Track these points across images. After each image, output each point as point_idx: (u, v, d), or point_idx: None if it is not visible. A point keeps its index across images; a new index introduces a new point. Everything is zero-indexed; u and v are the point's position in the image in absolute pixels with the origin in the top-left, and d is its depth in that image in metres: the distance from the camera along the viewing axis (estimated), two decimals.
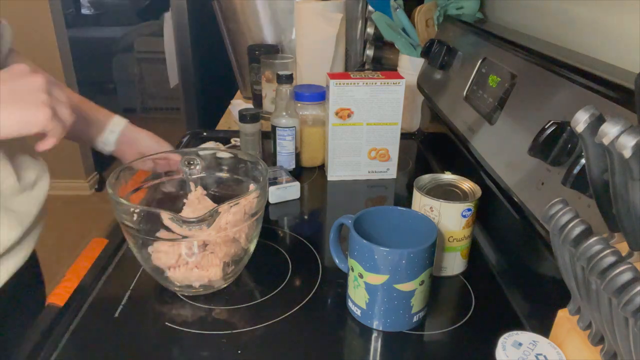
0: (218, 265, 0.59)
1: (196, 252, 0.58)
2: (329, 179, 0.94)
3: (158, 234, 0.57)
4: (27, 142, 0.67)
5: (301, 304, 0.60)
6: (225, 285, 0.62)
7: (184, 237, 0.57)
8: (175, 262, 0.58)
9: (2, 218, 0.58)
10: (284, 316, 0.57)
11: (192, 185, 0.68)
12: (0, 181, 0.60)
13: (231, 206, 0.56)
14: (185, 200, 0.68)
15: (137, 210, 0.57)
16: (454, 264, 0.65)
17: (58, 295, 0.60)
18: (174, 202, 0.68)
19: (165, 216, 0.55)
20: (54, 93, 0.52)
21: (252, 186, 0.66)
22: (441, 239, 0.63)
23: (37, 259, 0.75)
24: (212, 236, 0.57)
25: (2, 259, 0.59)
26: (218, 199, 0.71)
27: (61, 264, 0.89)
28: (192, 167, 0.68)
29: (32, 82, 0.51)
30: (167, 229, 0.56)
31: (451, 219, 0.62)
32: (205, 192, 0.68)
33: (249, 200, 0.58)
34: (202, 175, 0.70)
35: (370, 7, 1.27)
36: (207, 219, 0.54)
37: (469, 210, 0.61)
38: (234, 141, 1.06)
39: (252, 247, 0.63)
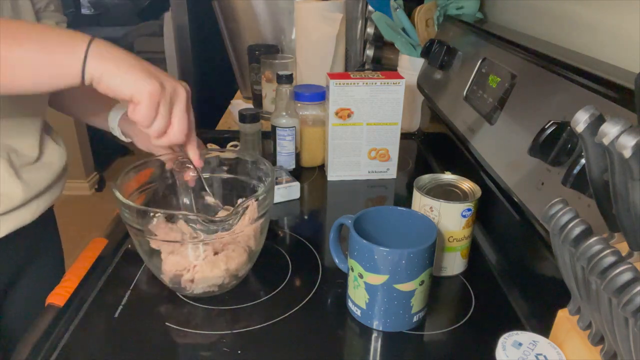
0: (242, 255, 0.60)
1: (202, 255, 0.59)
2: (329, 179, 0.94)
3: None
4: (55, 132, 0.78)
5: (301, 304, 0.60)
6: (241, 277, 0.62)
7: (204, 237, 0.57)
8: (191, 266, 0.58)
9: (13, 182, 0.66)
10: (284, 316, 0.57)
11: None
12: (25, 154, 0.69)
13: (249, 204, 0.56)
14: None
15: (157, 215, 0.57)
16: (454, 264, 0.65)
17: (58, 295, 0.60)
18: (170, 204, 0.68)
19: (193, 217, 0.55)
20: (174, 99, 0.53)
21: (260, 186, 0.66)
22: (441, 239, 0.63)
23: (56, 225, 0.86)
24: (233, 235, 0.58)
25: (12, 213, 0.68)
26: (223, 201, 0.72)
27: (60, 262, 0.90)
28: (185, 169, 0.68)
29: (177, 86, 0.53)
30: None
31: (451, 219, 0.62)
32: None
33: (260, 200, 0.58)
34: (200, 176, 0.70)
35: (370, 7, 1.27)
36: (233, 217, 0.55)
37: (469, 210, 0.61)
38: (232, 145, 1.06)
39: (261, 244, 0.63)
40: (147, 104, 0.50)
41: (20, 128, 0.69)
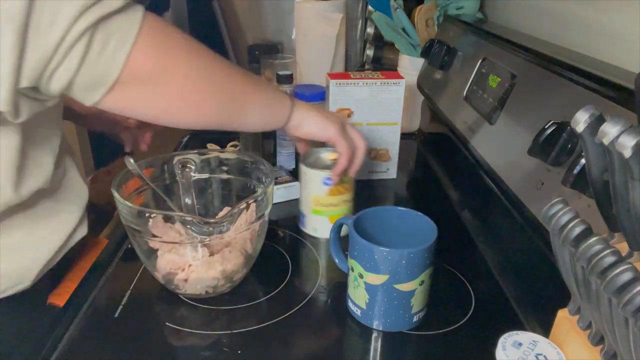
0: (238, 258, 0.60)
1: (199, 256, 0.59)
2: None
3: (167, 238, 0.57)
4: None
5: (301, 304, 0.60)
6: (241, 277, 0.62)
7: (202, 238, 0.58)
8: (186, 265, 0.58)
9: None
10: (284, 316, 0.57)
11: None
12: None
13: (247, 206, 0.56)
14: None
15: (154, 215, 0.57)
16: (323, 227, 0.72)
17: (58, 296, 0.60)
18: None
19: (191, 220, 0.55)
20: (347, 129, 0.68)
21: (260, 187, 0.66)
22: (308, 201, 0.72)
23: None
24: (230, 236, 0.58)
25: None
26: (223, 201, 0.72)
27: (61, 264, 0.90)
28: (186, 169, 0.68)
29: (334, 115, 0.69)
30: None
31: (314, 183, 0.71)
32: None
33: (258, 201, 0.58)
34: (201, 177, 0.70)
35: (370, 7, 1.27)
36: (228, 219, 0.55)
37: (328, 179, 0.69)
38: (232, 145, 1.06)
39: (259, 247, 0.63)
40: (340, 139, 0.66)
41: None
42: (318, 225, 0.74)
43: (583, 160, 0.46)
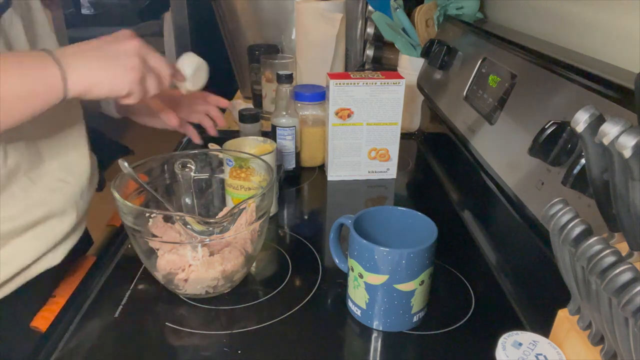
0: (238, 257, 0.60)
1: (199, 256, 0.59)
2: (329, 179, 0.94)
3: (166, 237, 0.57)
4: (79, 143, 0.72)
5: (301, 304, 0.60)
6: (241, 277, 0.62)
7: (203, 238, 0.58)
8: (186, 265, 0.58)
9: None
10: (284, 316, 0.57)
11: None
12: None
13: (248, 205, 0.56)
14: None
15: (153, 216, 0.57)
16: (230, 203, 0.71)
17: (42, 319, 0.60)
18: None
19: (191, 220, 0.55)
20: (148, 60, 0.56)
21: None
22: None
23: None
24: (230, 236, 0.58)
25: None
26: (223, 201, 0.72)
27: (48, 280, 0.87)
28: (186, 169, 0.68)
29: (126, 46, 0.55)
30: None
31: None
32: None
33: (259, 200, 0.58)
34: (201, 177, 0.70)
35: (370, 7, 1.27)
36: (229, 219, 0.55)
37: (229, 160, 0.69)
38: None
39: (259, 247, 0.63)
40: (136, 92, 0.56)
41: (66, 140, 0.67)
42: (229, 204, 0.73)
43: (583, 160, 0.46)
